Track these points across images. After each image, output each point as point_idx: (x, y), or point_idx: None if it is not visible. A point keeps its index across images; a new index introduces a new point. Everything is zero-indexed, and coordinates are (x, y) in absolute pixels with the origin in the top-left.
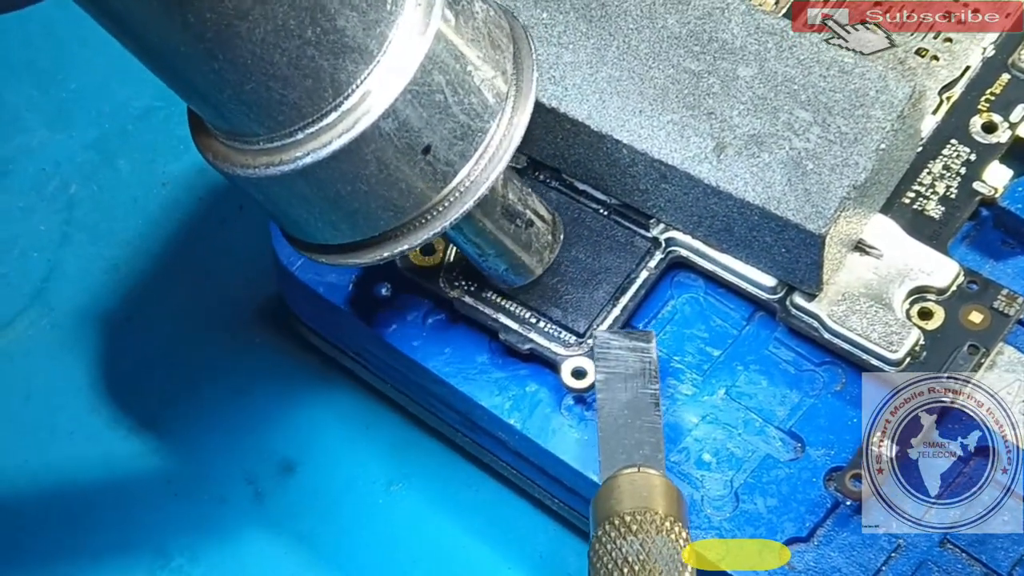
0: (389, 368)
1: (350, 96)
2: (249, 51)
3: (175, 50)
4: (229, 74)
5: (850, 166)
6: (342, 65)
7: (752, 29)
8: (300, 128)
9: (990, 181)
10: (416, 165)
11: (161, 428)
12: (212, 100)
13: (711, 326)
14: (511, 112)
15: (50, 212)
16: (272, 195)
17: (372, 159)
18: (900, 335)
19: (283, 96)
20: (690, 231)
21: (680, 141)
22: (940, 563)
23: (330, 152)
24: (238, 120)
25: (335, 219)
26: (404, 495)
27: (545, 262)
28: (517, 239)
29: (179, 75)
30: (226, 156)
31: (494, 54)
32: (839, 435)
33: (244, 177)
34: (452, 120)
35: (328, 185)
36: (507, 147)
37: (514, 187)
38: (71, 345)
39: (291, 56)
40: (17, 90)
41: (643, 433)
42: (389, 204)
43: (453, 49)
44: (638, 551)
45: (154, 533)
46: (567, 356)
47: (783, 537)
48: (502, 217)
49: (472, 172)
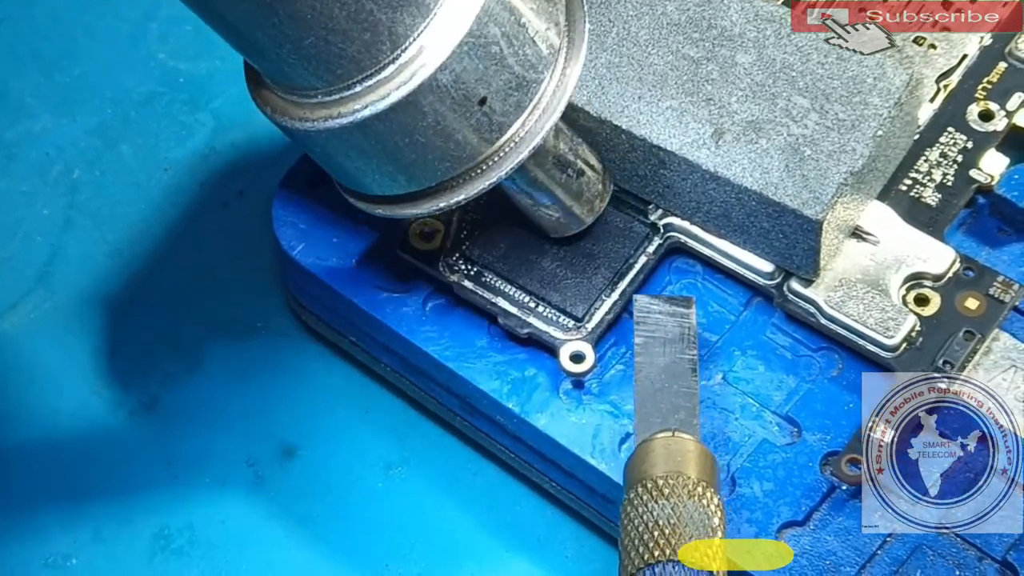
0: (389, 352)
1: (407, 49)
2: (309, 5)
3: (235, 6)
4: (289, 28)
5: (847, 152)
6: (399, 18)
7: (751, 16)
8: (358, 81)
9: (986, 169)
10: (472, 116)
11: (162, 411)
12: (271, 55)
13: (709, 311)
14: (564, 63)
15: (53, 197)
16: (330, 148)
17: (429, 111)
18: (896, 321)
19: (342, 50)
20: (688, 217)
21: (679, 127)
22: (935, 547)
23: (388, 104)
24: (297, 74)
25: (392, 170)
26: (403, 478)
27: (596, 211)
28: (568, 188)
29: (239, 31)
30: (284, 110)
31: (547, 6)
32: (835, 420)
33: (303, 130)
34: (507, 72)
35: (386, 137)
36: (560, 98)
37: (565, 137)
38: (74, 328)
39: (350, 10)
40: (22, 76)
41: (679, 398)
42: (446, 155)
43: (507, 2)
44: (669, 515)
45: (155, 515)
46: (565, 340)
47: (779, 521)
48: (554, 167)
49: (527, 123)
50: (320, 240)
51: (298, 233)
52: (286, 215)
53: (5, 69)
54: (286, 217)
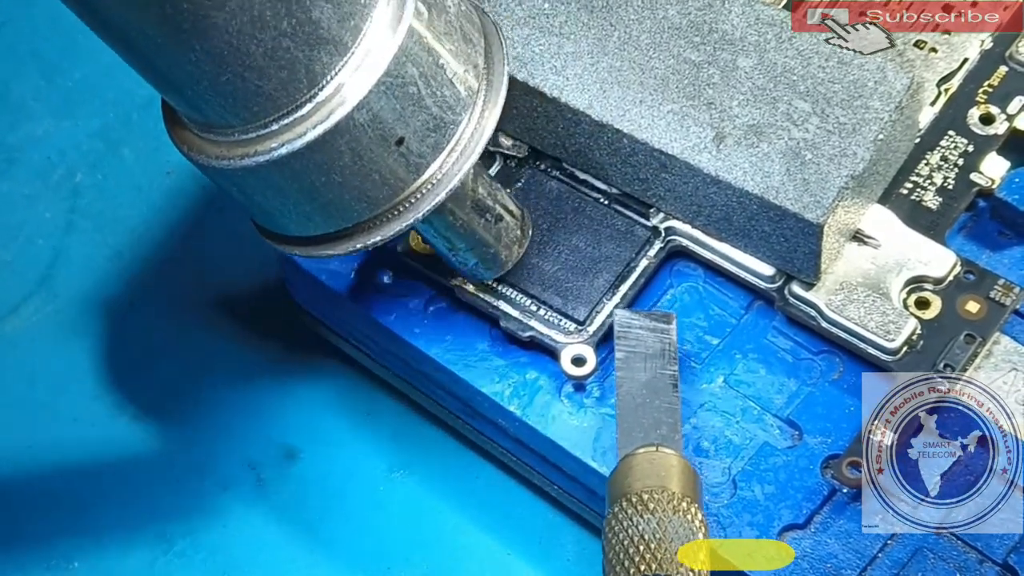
0: (391, 355)
1: (325, 87)
2: (225, 42)
3: (152, 41)
4: (205, 65)
5: (848, 156)
6: (317, 57)
7: (752, 20)
8: (275, 119)
9: (987, 172)
10: (389, 156)
11: (164, 414)
12: (188, 92)
13: (710, 315)
14: (482, 106)
15: (55, 200)
16: (247, 187)
17: (346, 150)
18: (897, 324)
19: (258, 87)
20: (689, 220)
21: (680, 131)
22: (936, 550)
23: (305, 143)
24: (213, 112)
25: (309, 210)
26: (405, 482)
27: (514, 257)
28: (487, 233)
29: (155, 67)
30: (201, 148)
31: (466, 48)
32: (836, 423)
33: (219, 168)
34: (425, 112)
35: (302, 176)
36: (478, 140)
37: (484, 181)
38: (75, 331)
39: (267, 47)
40: (23, 79)
41: (661, 413)
42: (363, 195)
43: (426, 42)
44: (655, 529)
45: (157, 519)
46: (567, 343)
47: (780, 524)
48: (472, 211)
49: (444, 164)
50: None
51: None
52: None
53: (6, 72)
54: None
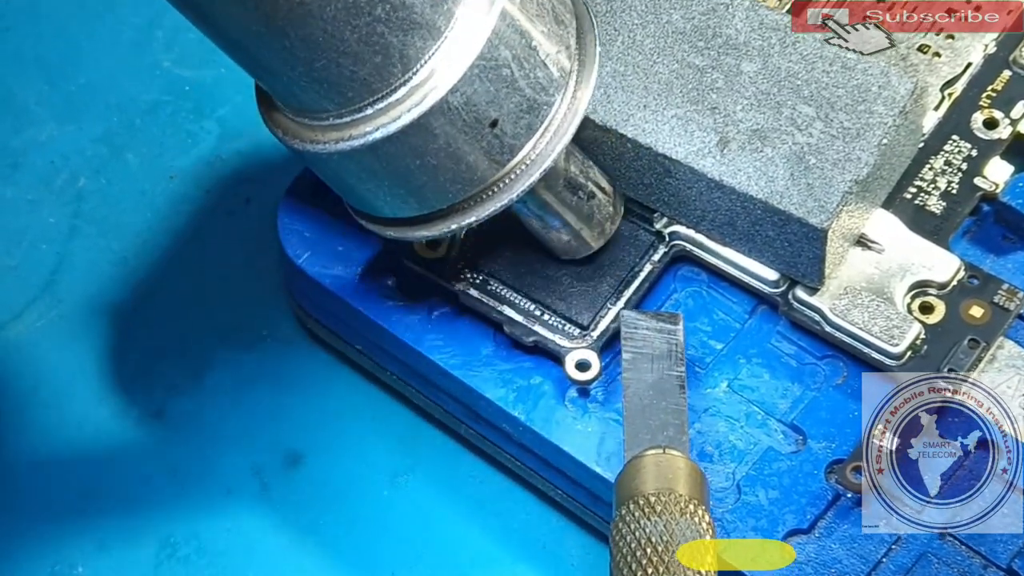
0: (395, 360)
1: (418, 71)
2: (320, 28)
3: (247, 29)
4: (300, 51)
5: (852, 161)
6: (410, 41)
7: (756, 25)
8: (369, 103)
9: (991, 177)
10: (483, 139)
11: (168, 419)
12: (283, 77)
13: (714, 319)
14: (575, 86)
15: (59, 205)
16: (341, 170)
17: (440, 133)
18: (901, 329)
19: (353, 72)
20: (693, 225)
21: (684, 135)
22: (940, 555)
23: (399, 127)
24: (308, 97)
25: (403, 193)
26: (409, 487)
27: (606, 234)
28: (579, 211)
29: (250, 53)
30: (296, 132)
31: (558, 29)
32: (840, 428)
33: (314, 153)
34: (518, 94)
35: (397, 160)
36: (571, 120)
37: (576, 160)
38: (79, 336)
39: (361, 33)
40: (27, 84)
41: (668, 415)
42: (457, 177)
43: (518, 24)
44: (662, 532)
45: (161, 523)
46: (571, 348)
47: (784, 529)
48: (565, 189)
49: (538, 145)
50: (326, 248)
51: (304, 241)
52: (292, 223)
53: (10, 77)
54: (292, 225)
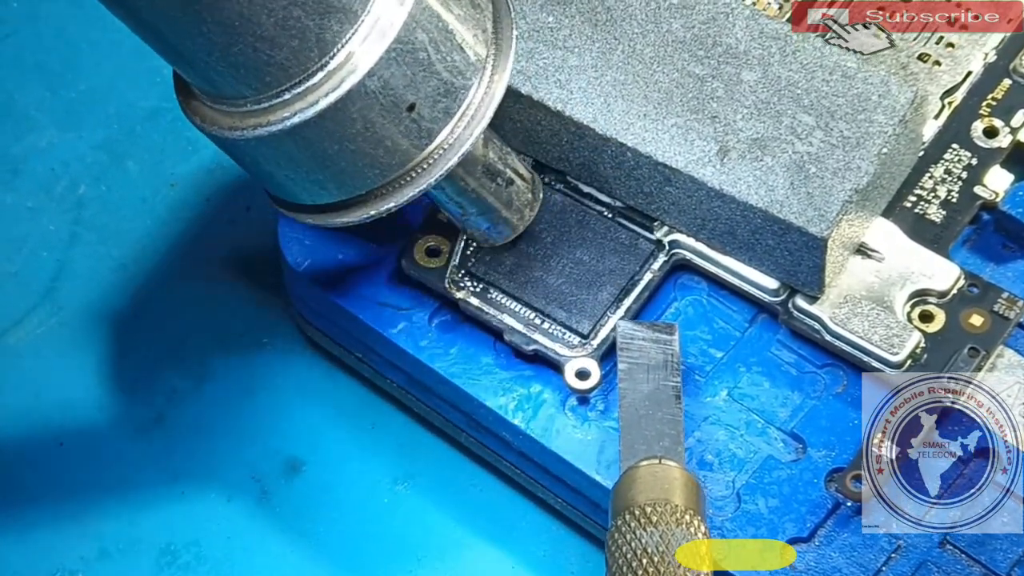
0: (395, 368)
1: (335, 56)
2: (236, 12)
3: (163, 13)
4: (217, 36)
5: (852, 170)
6: (327, 25)
7: (756, 34)
8: (287, 88)
9: (991, 185)
10: (401, 123)
11: (168, 426)
12: (200, 63)
13: (714, 328)
14: (491, 71)
15: (59, 212)
16: (260, 157)
17: (358, 117)
18: (901, 338)
19: (270, 57)
20: (693, 233)
21: (684, 144)
22: (940, 563)
23: (317, 111)
24: (225, 83)
25: (322, 178)
26: (409, 494)
27: (526, 220)
28: (498, 197)
29: (167, 39)
30: (214, 120)
31: (474, 13)
32: (840, 436)
33: (232, 139)
34: (435, 78)
35: (315, 144)
36: (488, 105)
37: (494, 146)
38: (80, 343)
39: (277, 17)
40: (27, 91)
41: (664, 425)
42: (375, 162)
43: (434, 8)
44: (658, 542)
45: (161, 531)
46: (571, 357)
47: (784, 537)
48: (483, 175)
49: (455, 130)
50: (326, 256)
51: (304, 249)
52: (292, 231)
53: (10, 83)
54: (292, 233)
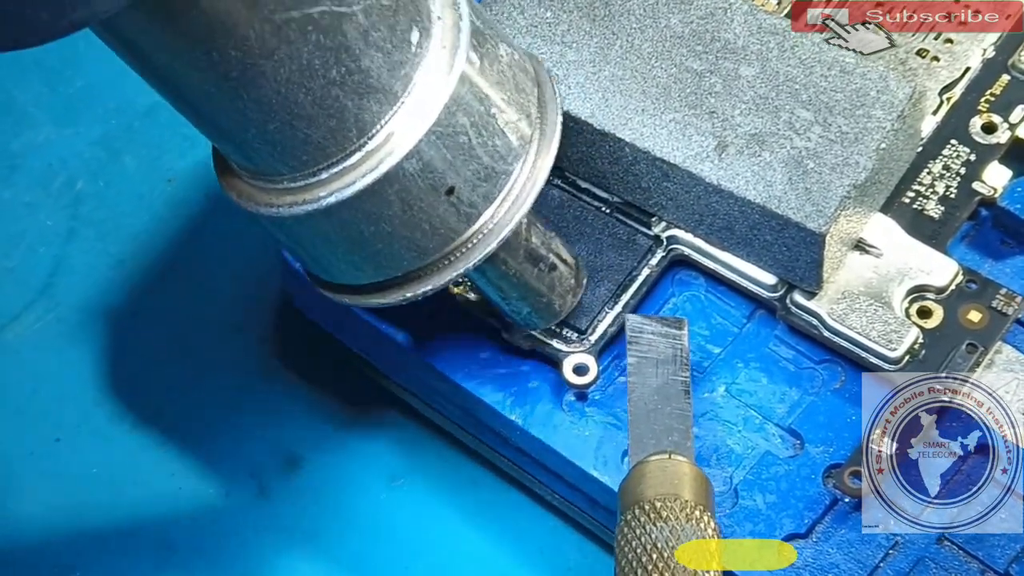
0: (392, 365)
1: (374, 136)
2: (274, 90)
3: (200, 88)
4: (253, 113)
5: (851, 165)
6: (366, 105)
7: (754, 29)
8: (324, 168)
9: (989, 181)
10: (440, 206)
11: (166, 422)
12: (236, 139)
13: (712, 324)
14: (535, 155)
15: (57, 208)
16: (296, 235)
17: (396, 199)
18: (899, 333)
19: (307, 136)
20: (691, 229)
21: (682, 140)
22: (937, 560)
23: (354, 192)
24: (262, 159)
25: (358, 259)
26: (407, 491)
27: (568, 306)
28: (540, 282)
29: (204, 114)
30: (250, 195)
31: (518, 97)
32: (838, 432)
33: (268, 216)
34: (476, 162)
35: (352, 225)
36: (531, 189)
37: (537, 231)
38: (77, 339)
39: (316, 96)
40: (25, 87)
41: (672, 419)
42: (412, 245)
43: (478, 91)
44: (667, 537)
45: (159, 527)
46: (568, 353)
47: (782, 533)
48: (525, 260)
49: (496, 214)
50: None
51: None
52: None
53: (8, 79)
54: None
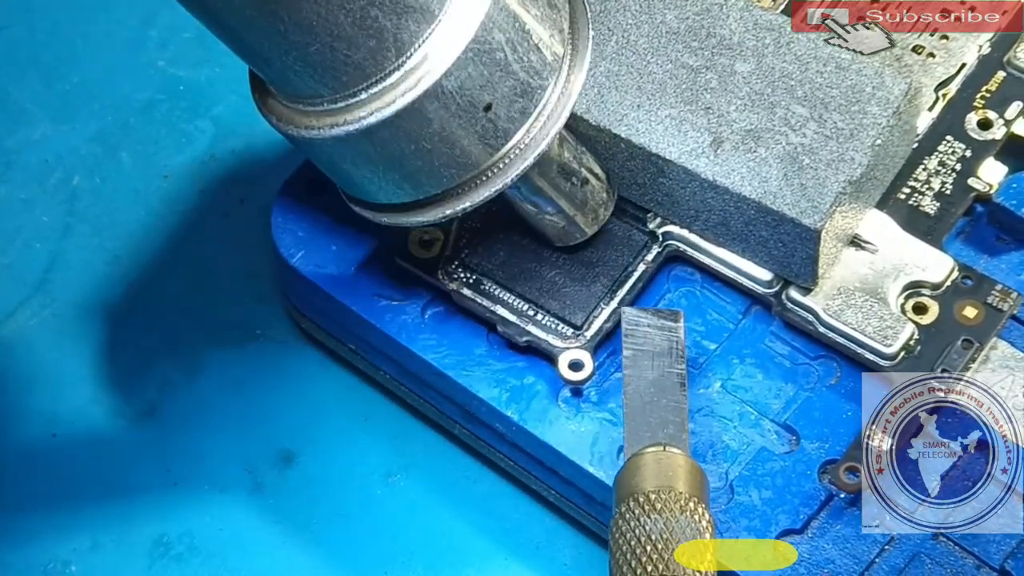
0: (388, 359)
1: (412, 56)
2: (314, 12)
3: (241, 13)
4: (295, 36)
5: (846, 161)
6: (404, 25)
7: (750, 25)
8: (364, 88)
9: (985, 177)
10: (477, 123)
11: (161, 418)
12: (277, 63)
13: (707, 320)
14: (568, 71)
15: (53, 204)
16: (336, 156)
17: (435, 117)
18: (895, 329)
19: (347, 57)
20: (687, 225)
21: (678, 135)
22: (933, 555)
23: (394, 111)
24: (302, 82)
25: (398, 178)
26: (402, 486)
27: (600, 219)
28: (573, 197)
29: (245, 39)
30: (290, 119)
31: (551, 13)
32: (834, 428)
33: (308, 139)
34: (512, 78)
35: (391, 144)
36: (565, 105)
37: (570, 146)
38: (73, 335)
39: (355, 16)
40: (21, 83)
41: (668, 412)
42: (451, 162)
43: (511, 8)
44: (662, 529)
45: (154, 522)
46: (564, 348)
47: (777, 529)
48: (559, 175)
49: (531, 130)
50: (319, 248)
51: (297, 241)
52: (285, 223)
53: (5, 76)
54: (285, 225)
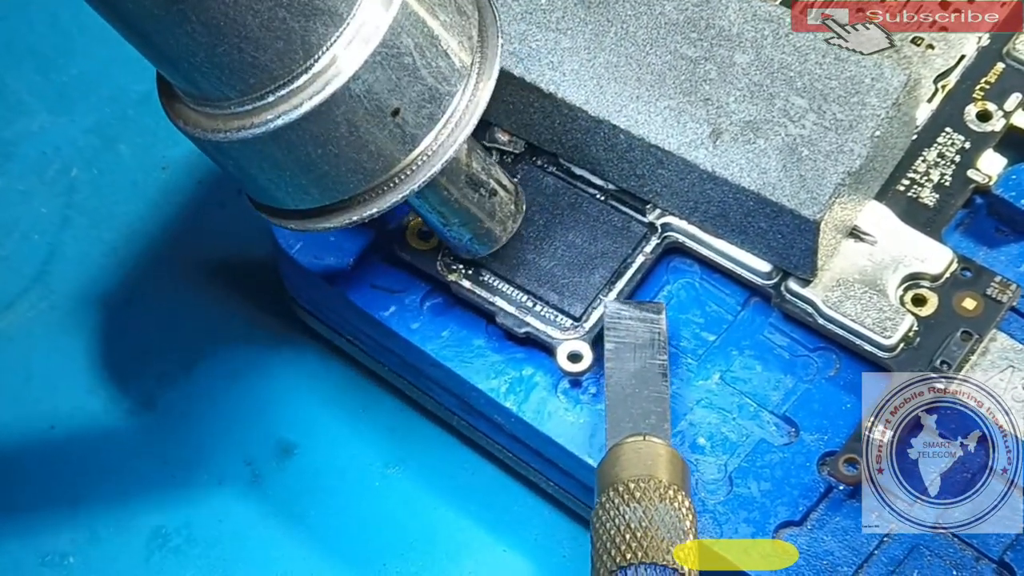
0: (387, 351)
1: (320, 58)
2: (222, 12)
3: (148, 12)
4: (202, 36)
5: (845, 153)
6: (312, 27)
7: (749, 16)
8: (271, 91)
9: (984, 169)
10: (385, 127)
11: (159, 410)
12: (184, 64)
13: (706, 311)
14: (476, 78)
15: (51, 195)
16: (243, 160)
17: (342, 121)
18: (894, 321)
19: (255, 58)
20: (686, 216)
21: (677, 127)
22: (932, 547)
23: (301, 114)
24: (209, 84)
25: (305, 183)
26: (401, 478)
27: (508, 232)
28: (481, 208)
29: (152, 40)
30: (197, 122)
31: (460, 20)
32: (833, 420)
33: (215, 142)
34: (420, 83)
35: (298, 147)
36: (472, 112)
37: (478, 156)
38: (71, 327)
39: (263, 18)
40: (19, 75)
41: (650, 403)
42: (358, 167)
43: (420, 13)
44: (640, 518)
45: (152, 513)
46: (563, 340)
47: (776, 521)
48: (466, 185)
49: (439, 136)
50: (317, 239)
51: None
52: None
53: (3, 67)
54: None
